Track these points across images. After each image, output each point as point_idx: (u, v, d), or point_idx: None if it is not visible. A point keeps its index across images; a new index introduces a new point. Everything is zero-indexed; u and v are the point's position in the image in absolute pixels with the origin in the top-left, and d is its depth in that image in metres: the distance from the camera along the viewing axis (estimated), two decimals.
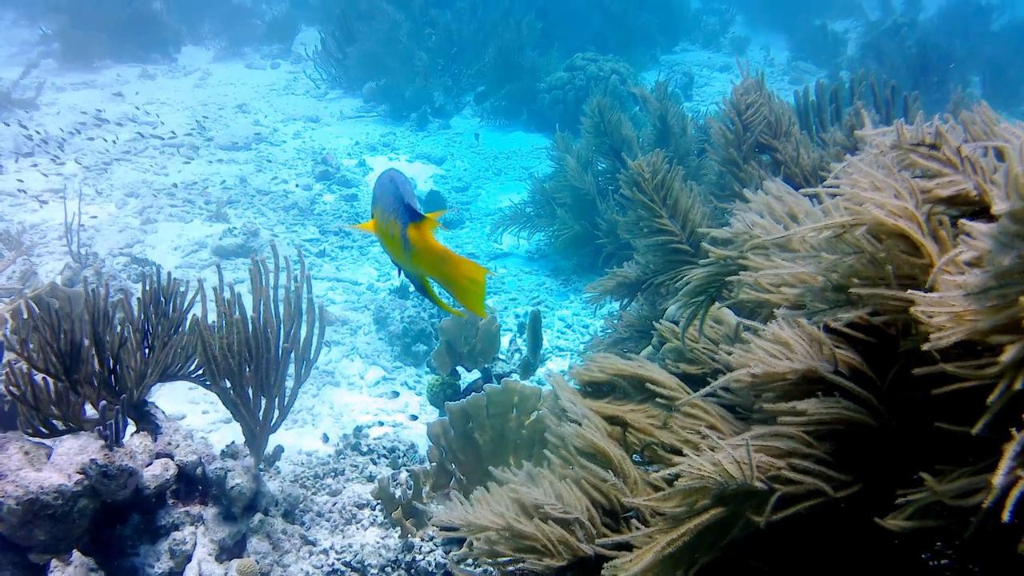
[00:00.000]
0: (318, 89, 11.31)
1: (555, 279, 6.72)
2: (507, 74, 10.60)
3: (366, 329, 5.63)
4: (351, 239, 7.03)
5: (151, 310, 3.01)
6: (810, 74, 13.95)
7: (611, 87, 9.87)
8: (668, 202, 4.18)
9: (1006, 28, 14.96)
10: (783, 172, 4.12)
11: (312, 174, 8.29)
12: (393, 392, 4.95)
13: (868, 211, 1.52)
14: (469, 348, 3.87)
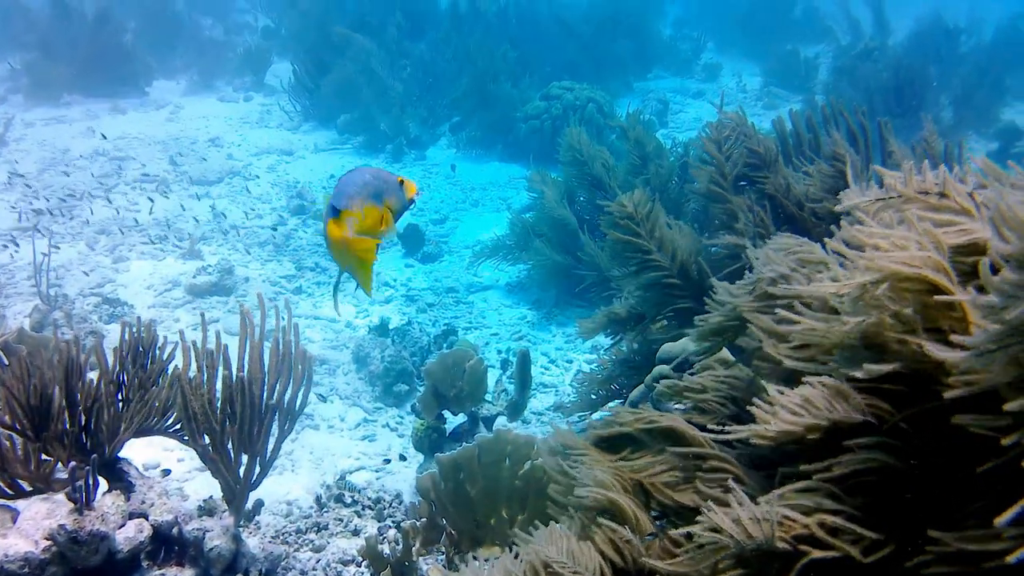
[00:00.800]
0: (292, 121, 11.18)
1: (536, 312, 6.61)
2: (482, 104, 10.51)
3: (345, 368, 5.50)
4: (328, 275, 6.91)
5: (128, 361, 2.87)
6: (783, 99, 13.97)
7: (588, 116, 9.81)
8: (655, 235, 4.09)
9: (974, 51, 15.04)
10: (771, 203, 4.03)
11: (287, 208, 8.16)
12: (376, 434, 4.82)
13: (887, 265, 1.43)
14: (456, 392, 3.75)
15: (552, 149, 9.36)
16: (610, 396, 4.59)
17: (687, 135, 11.66)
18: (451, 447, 3.90)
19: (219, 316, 6.08)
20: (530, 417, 5.08)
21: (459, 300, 6.76)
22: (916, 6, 16.56)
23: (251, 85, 13.03)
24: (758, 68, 15.81)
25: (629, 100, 13.06)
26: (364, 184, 2.77)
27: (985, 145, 11.29)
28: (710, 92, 14.50)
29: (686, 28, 18.50)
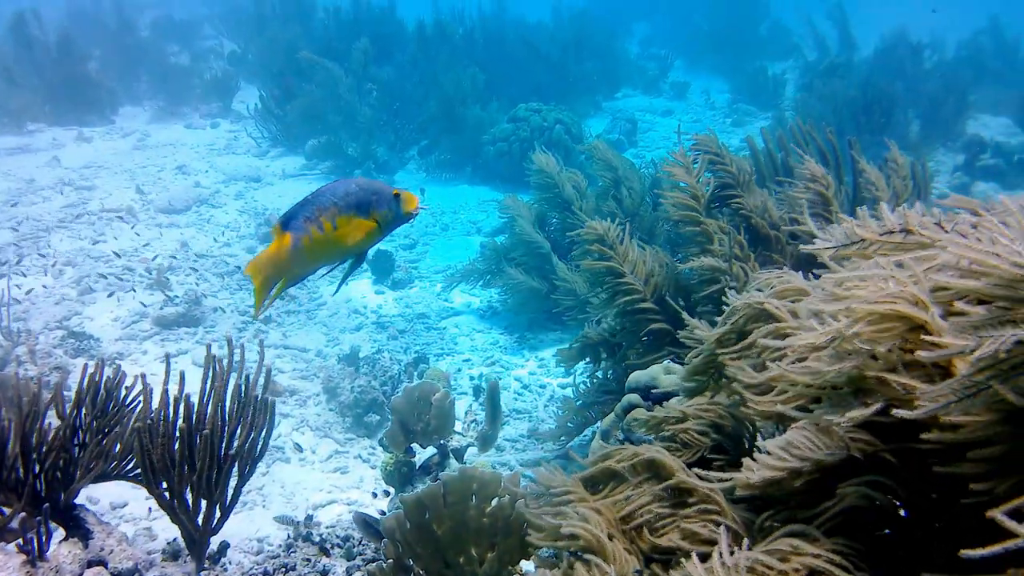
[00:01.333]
0: (259, 148, 11.12)
1: (509, 336, 6.56)
2: (451, 128, 10.50)
3: (316, 399, 5.43)
4: (297, 303, 6.84)
5: (87, 404, 2.80)
6: (751, 116, 14.04)
7: (555, 138, 9.80)
8: (629, 258, 4.07)
9: (938, 66, 15.17)
10: (746, 224, 4.01)
11: (255, 236, 8.08)
12: (349, 467, 4.76)
13: (859, 307, 1.41)
14: (423, 426, 3.69)
15: (521, 171, 9.36)
16: (587, 423, 4.55)
17: (657, 153, 11.70)
18: (422, 480, 3.85)
19: (188, 348, 6.00)
20: (504, 445, 5.03)
21: (431, 326, 6.70)
22: (881, 23, 16.70)
23: (218, 111, 12.97)
24: (726, 85, 15.89)
25: (598, 120, 13.11)
26: (345, 195, 2.79)
27: (952, 158, 11.36)
28: (679, 110, 14.56)
29: (653, 47, 18.60)
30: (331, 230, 2.77)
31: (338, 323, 6.61)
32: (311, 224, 2.77)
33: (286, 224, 2.79)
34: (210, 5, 19.69)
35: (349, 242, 2.81)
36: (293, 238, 2.78)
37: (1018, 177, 10.29)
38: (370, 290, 7.26)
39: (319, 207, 2.77)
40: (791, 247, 3.99)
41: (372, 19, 13.48)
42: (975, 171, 10.39)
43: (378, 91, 10.99)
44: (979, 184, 10.20)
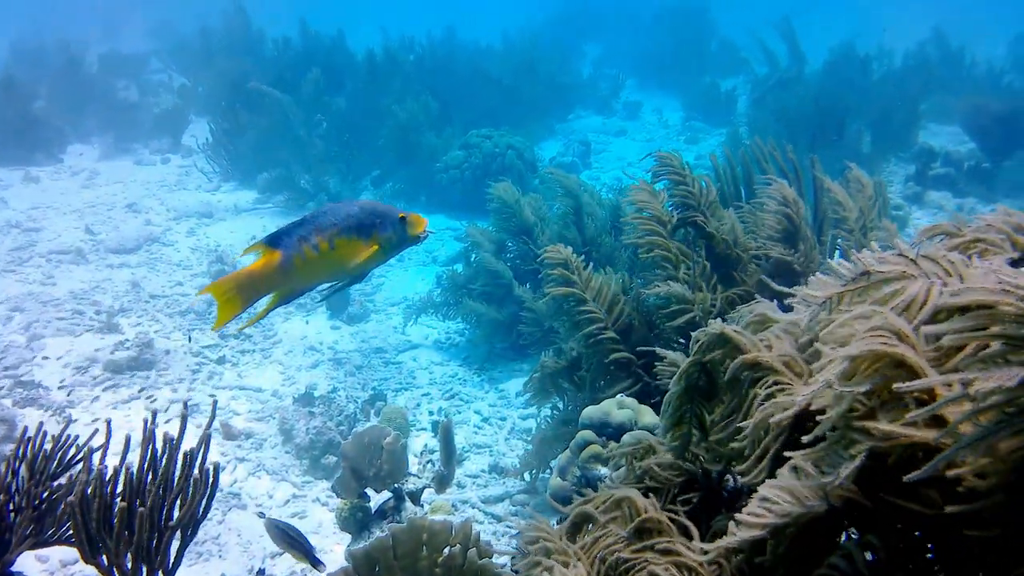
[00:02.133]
0: (211, 183, 11.00)
1: (468, 369, 6.51)
2: (404, 157, 10.46)
3: (272, 441, 5.34)
4: (252, 342, 6.75)
5: (24, 468, 2.71)
6: (705, 133, 14.12)
7: (508, 163, 9.79)
8: (591, 284, 4.03)
9: (885, 78, 15.34)
10: (711, 248, 3.99)
11: (208, 274, 7.98)
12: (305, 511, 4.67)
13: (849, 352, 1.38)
14: (375, 471, 3.63)
15: (475, 198, 9.34)
16: (551, 457, 4.49)
17: (611, 174, 11.74)
18: (378, 525, 3.78)
19: (139, 393, 5.89)
20: (466, 481, 4.97)
21: (388, 361, 6.63)
22: (829, 36, 16.89)
23: (168, 147, 12.83)
24: (679, 103, 15.98)
25: (552, 142, 13.12)
26: (347, 216, 2.79)
27: (904, 168, 11.46)
28: (632, 129, 14.61)
29: (605, 67, 18.67)
30: (327, 251, 2.76)
31: (294, 361, 6.52)
32: (305, 244, 2.76)
33: (275, 242, 2.78)
34: (158, 38, 19.53)
35: (348, 264, 2.82)
36: (283, 256, 2.77)
37: (969, 184, 10.40)
38: (326, 326, 7.17)
39: (317, 227, 2.76)
40: (754, 268, 3.97)
41: (322, 50, 13.42)
42: (927, 180, 10.49)
43: (328, 122, 10.91)
44: (931, 193, 10.30)
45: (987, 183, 10.31)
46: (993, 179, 10.32)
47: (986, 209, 9.74)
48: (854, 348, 1.30)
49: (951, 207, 9.90)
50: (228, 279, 2.93)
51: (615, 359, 3.92)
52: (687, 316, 3.71)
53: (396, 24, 17.18)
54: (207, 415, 5.60)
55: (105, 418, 5.40)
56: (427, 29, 15.39)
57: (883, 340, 1.29)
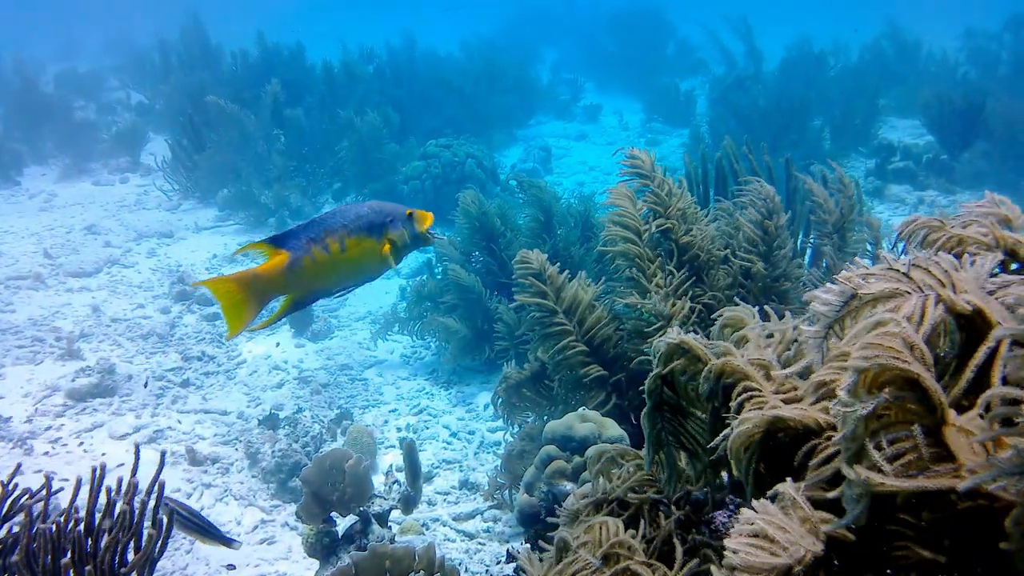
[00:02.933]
0: (170, 201, 10.88)
1: (435, 382, 6.48)
2: (365, 169, 10.41)
3: (239, 465, 5.29)
4: (216, 363, 6.69)
5: None
6: (665, 134, 14.17)
7: (468, 172, 9.78)
8: (563, 295, 4.00)
9: (842, 74, 15.48)
10: (687, 255, 3.96)
11: (169, 295, 7.90)
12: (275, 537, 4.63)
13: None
14: (339, 495, 3.60)
15: (436, 208, 9.26)
16: (521, 473, 4.47)
17: (572, 179, 11.76)
18: (346, 550, 3.75)
19: (104, 420, 5.81)
20: (436, 498, 4.95)
21: (354, 377, 6.59)
22: (785, 34, 17.01)
23: (127, 166, 12.68)
24: (638, 105, 16.03)
25: (513, 149, 13.12)
26: (356, 217, 2.74)
27: (863, 163, 11.56)
28: (592, 133, 14.63)
29: (564, 71, 18.71)
30: (339, 252, 2.71)
31: (259, 381, 6.47)
32: (316, 245, 2.71)
33: (280, 242, 2.73)
34: (114, 55, 19.39)
35: (362, 264, 2.78)
36: (292, 257, 2.71)
37: (929, 177, 10.50)
38: (290, 344, 7.12)
39: (327, 228, 2.71)
40: (725, 273, 3.96)
41: (281, 63, 13.33)
42: (887, 174, 10.60)
43: (287, 136, 10.83)
44: (892, 187, 10.39)
45: (946, 175, 10.42)
46: (952, 171, 10.43)
47: (946, 201, 9.83)
48: (860, 359, 1.21)
49: (912, 200, 9.99)
50: (231, 277, 2.87)
51: (586, 375, 3.90)
52: (659, 329, 3.70)
53: (355, 35, 17.16)
54: (173, 440, 5.57)
55: (68, 450, 5.37)
56: (386, 39, 15.37)
57: (894, 353, 1.20)
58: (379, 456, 5.41)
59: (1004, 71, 15.36)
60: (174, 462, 5.30)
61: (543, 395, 4.38)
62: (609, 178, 12.05)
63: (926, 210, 9.84)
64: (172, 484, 5.03)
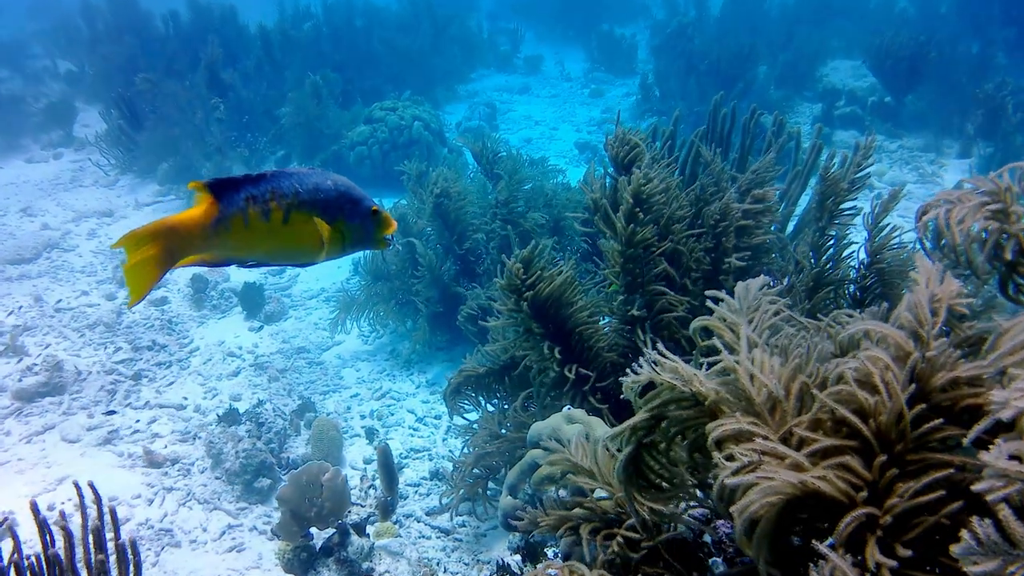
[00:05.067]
0: (108, 177, 10.48)
1: (396, 363, 6.34)
2: (308, 135, 10.11)
3: (200, 465, 5.11)
4: (168, 352, 6.47)
5: None
6: (609, 84, 14.03)
7: (415, 135, 9.57)
8: (539, 297, 3.83)
9: (784, 13, 15.40)
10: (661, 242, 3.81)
11: (113, 280, 7.63)
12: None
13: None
14: (317, 510, 3.46)
15: (384, 174, 9.13)
16: (491, 470, 4.35)
17: (519, 135, 11.57)
18: (324, 563, 3.62)
19: (55, 421, 5.59)
20: (407, 491, 4.82)
21: (312, 361, 6.42)
22: None
23: (60, 140, 12.19)
24: (580, 54, 15.83)
25: (456, 106, 12.89)
26: (314, 188, 2.31)
27: (810, 108, 11.52)
28: (535, 85, 14.42)
29: (502, 21, 18.38)
30: (279, 223, 2.28)
31: (214, 370, 6.28)
32: (254, 205, 2.25)
33: (218, 190, 2.26)
34: (37, 19, 18.64)
35: (299, 245, 2.34)
36: (221, 213, 2.24)
37: (875, 121, 10.48)
38: (243, 328, 6.92)
39: (275, 189, 2.26)
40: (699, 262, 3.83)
41: (213, 26, 12.91)
42: (833, 120, 10.57)
43: (225, 105, 10.49)
44: (839, 133, 10.37)
45: (892, 119, 10.41)
46: (897, 115, 10.42)
47: (893, 146, 9.80)
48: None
49: None
50: (144, 229, 2.28)
51: (562, 377, 3.76)
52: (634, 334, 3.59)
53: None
54: (128, 440, 5.39)
55: (19, 457, 5.16)
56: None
57: None
58: (345, 448, 5.26)
59: (945, 9, 15.33)
60: (132, 464, 5.13)
61: (506, 390, 4.24)
62: (556, 132, 11.91)
63: (874, 156, 9.80)
64: (132, 489, 4.87)
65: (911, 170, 9.44)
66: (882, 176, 9.22)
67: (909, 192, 8.99)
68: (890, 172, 9.38)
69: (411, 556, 3.93)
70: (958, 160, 9.60)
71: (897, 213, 8.31)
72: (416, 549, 4.21)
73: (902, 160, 9.68)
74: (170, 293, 7.39)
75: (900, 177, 9.25)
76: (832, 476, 1.35)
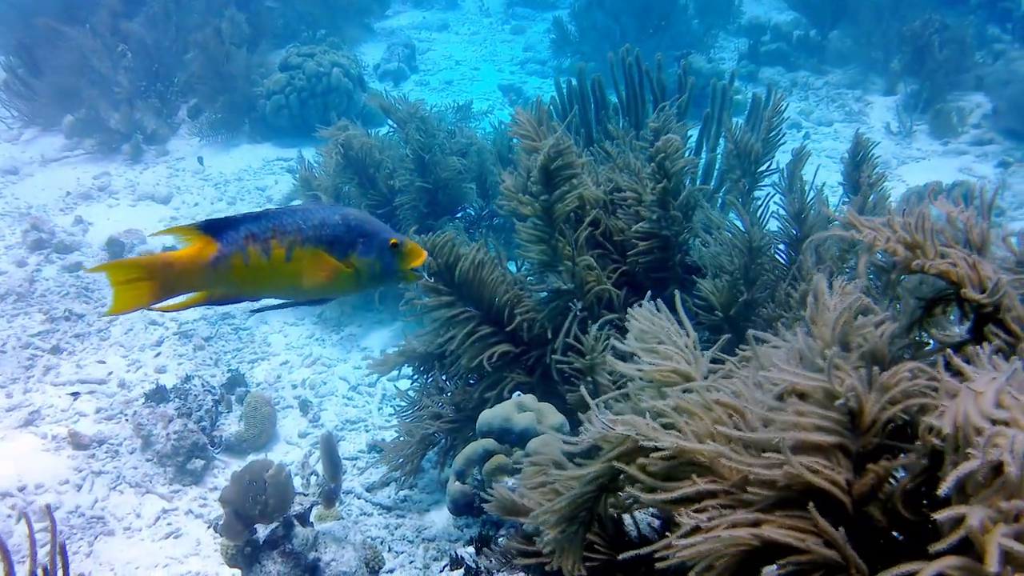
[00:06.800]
0: (10, 131, 9.94)
1: (325, 326, 6.19)
2: (219, 83, 9.73)
3: (129, 446, 4.93)
4: (86, 322, 6.24)
5: None
6: (530, 19, 13.80)
7: (334, 83, 9.29)
8: (456, 281, 3.75)
9: None
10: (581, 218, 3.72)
11: (23, 244, 7.29)
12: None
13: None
14: (261, 507, 3.36)
15: (303, 123, 8.89)
16: (427, 446, 4.27)
17: (438, 77, 11.35)
18: (269, 556, 3.53)
19: None
20: (346, 465, 4.70)
21: (238, 327, 6.24)
22: None
23: None
24: None
25: (372, 46, 12.57)
26: (320, 224, 2.26)
27: (735, 43, 11.47)
28: (454, 22, 14.08)
29: None
30: (281, 261, 2.24)
31: (136, 340, 6.07)
32: (254, 243, 2.23)
33: (214, 230, 2.25)
34: None
35: (304, 282, 2.28)
36: (220, 252, 2.23)
37: (800, 57, 10.48)
38: None
39: (276, 227, 2.24)
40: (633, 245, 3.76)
41: None
42: (759, 57, 10.54)
43: (132, 52, 10.05)
44: (765, 70, 10.35)
45: (817, 55, 10.41)
46: (823, 51, 10.42)
47: (820, 82, 9.82)
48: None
49: (785, 83, 9.96)
50: (137, 262, 2.40)
51: (500, 352, 3.69)
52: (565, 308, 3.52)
53: None
54: (52, 420, 5.20)
55: None
56: None
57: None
58: (279, 422, 5.14)
59: None
60: (57, 447, 4.94)
61: (443, 366, 4.16)
62: (477, 73, 11.69)
63: (799, 92, 9.83)
64: (59, 475, 4.70)
65: (837, 108, 9.46)
66: (809, 115, 9.24)
67: (836, 131, 9.04)
68: (817, 111, 9.39)
69: (356, 540, 3.85)
70: (883, 97, 9.63)
71: (825, 154, 8.36)
72: (359, 530, 4.13)
73: (828, 98, 9.68)
74: (84, 257, 7.11)
75: (827, 115, 9.27)
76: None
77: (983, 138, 8.38)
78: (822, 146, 8.58)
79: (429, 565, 3.87)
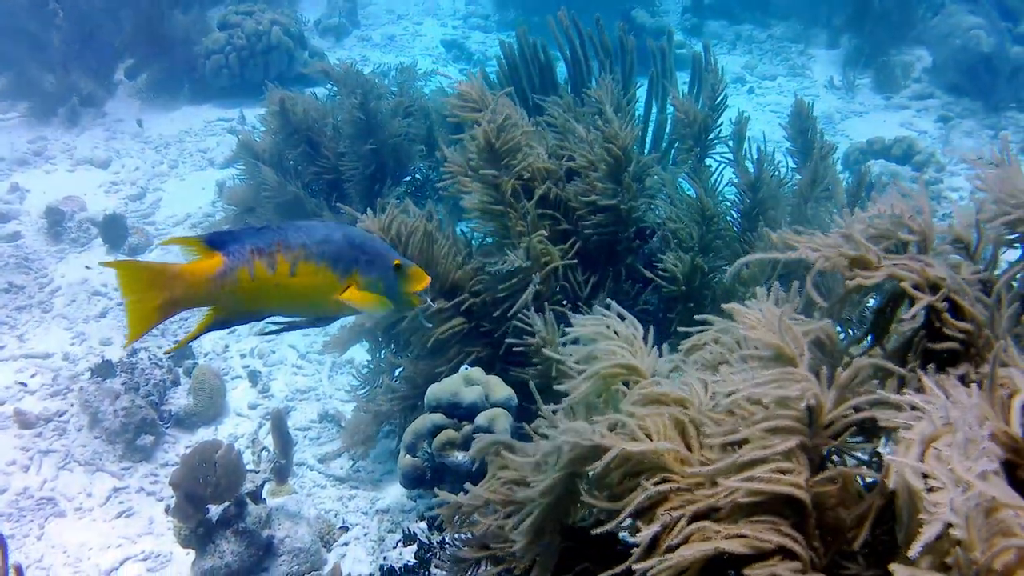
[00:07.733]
0: None
1: None
2: (156, 43, 9.50)
3: (76, 423, 4.87)
4: (27, 295, 6.12)
5: None
6: None
7: (275, 42, 9.13)
8: (410, 252, 3.72)
9: None
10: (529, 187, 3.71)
11: None
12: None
13: None
14: (212, 489, 3.35)
15: (243, 83, 8.75)
16: (379, 418, 4.27)
17: (380, 32, 11.20)
18: (222, 535, 3.53)
19: None
20: (297, 436, 4.69)
21: None
22: None
23: None
24: None
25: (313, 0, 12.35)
26: (323, 240, 2.24)
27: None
28: None
29: None
30: (286, 275, 2.22)
31: (79, 312, 5.97)
32: (260, 257, 2.20)
33: (218, 243, 2.22)
34: None
35: (310, 298, 2.27)
36: (226, 265, 2.20)
37: (744, 11, 10.47)
38: (108, 261, 6.58)
39: (282, 241, 2.22)
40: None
41: None
42: (704, 11, 10.51)
43: (64, 11, 9.77)
44: (709, 23, 10.34)
45: (761, 8, 10.41)
46: (767, 4, 10.43)
47: (764, 35, 9.83)
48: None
49: (729, 36, 9.96)
50: (146, 266, 2.28)
51: (452, 330, 3.68)
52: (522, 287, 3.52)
53: None
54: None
55: None
56: None
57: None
58: (228, 394, 5.10)
59: None
60: (2, 426, 4.87)
61: (389, 341, 4.17)
62: (420, 28, 11.56)
63: (743, 46, 9.85)
64: (5, 455, 4.63)
65: (781, 61, 9.50)
66: (753, 69, 9.26)
67: (779, 85, 9.08)
68: (761, 64, 9.42)
69: (310, 515, 3.86)
70: (826, 51, 9.69)
71: (770, 108, 8.39)
72: (313, 503, 4.14)
73: (772, 51, 9.72)
74: (23, 226, 6.95)
75: (771, 70, 9.31)
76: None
77: (923, 92, 8.47)
78: (767, 100, 8.63)
79: (384, 538, 3.88)
